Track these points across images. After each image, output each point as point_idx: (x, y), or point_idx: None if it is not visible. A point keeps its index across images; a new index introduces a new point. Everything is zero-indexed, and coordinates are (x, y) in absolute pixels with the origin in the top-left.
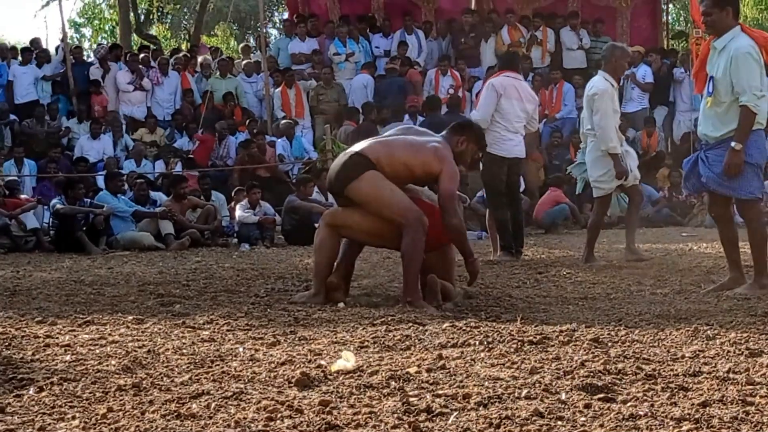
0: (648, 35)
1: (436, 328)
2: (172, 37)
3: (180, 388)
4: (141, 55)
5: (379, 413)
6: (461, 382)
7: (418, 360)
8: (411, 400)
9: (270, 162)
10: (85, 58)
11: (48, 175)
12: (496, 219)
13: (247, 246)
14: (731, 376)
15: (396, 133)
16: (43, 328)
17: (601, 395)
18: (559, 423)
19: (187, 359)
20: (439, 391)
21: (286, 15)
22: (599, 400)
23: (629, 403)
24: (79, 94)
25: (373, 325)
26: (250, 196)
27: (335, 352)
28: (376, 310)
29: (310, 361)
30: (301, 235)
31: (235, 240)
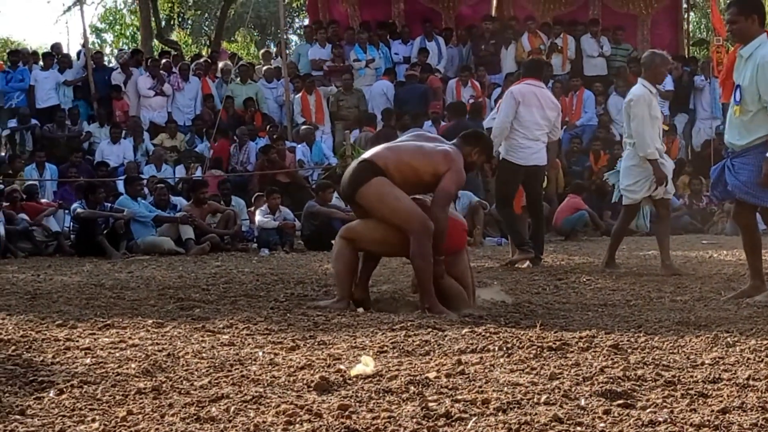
0: (669, 43)
1: (456, 333)
2: (192, 42)
3: (199, 392)
4: (162, 61)
5: (398, 418)
6: (480, 387)
7: (437, 365)
8: (430, 405)
9: (290, 167)
10: (106, 63)
11: (69, 179)
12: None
13: (266, 251)
14: (751, 383)
15: (407, 139)
16: (63, 331)
17: (620, 401)
18: (579, 429)
19: (207, 363)
20: (459, 397)
21: (306, 21)
22: (619, 406)
23: (649, 410)
24: (100, 99)
25: (393, 330)
26: (270, 201)
27: (354, 357)
28: (395, 315)
29: (329, 366)
30: (321, 240)
31: (254, 245)
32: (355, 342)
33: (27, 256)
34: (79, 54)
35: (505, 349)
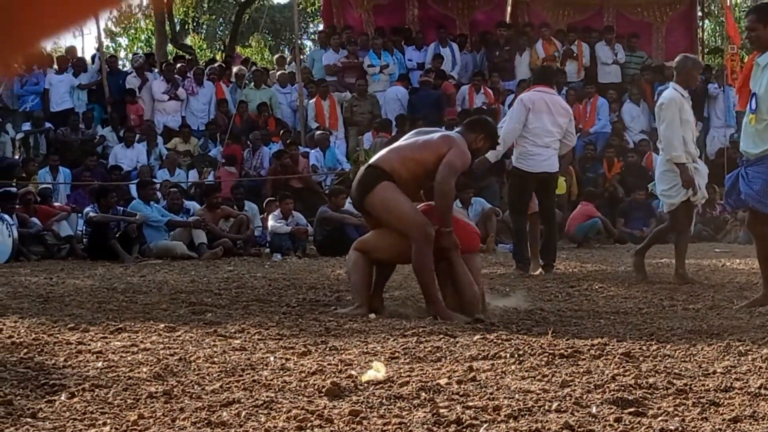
0: (683, 51)
1: (467, 340)
2: (207, 47)
3: (211, 396)
4: (177, 65)
5: (409, 424)
6: (492, 394)
7: (448, 371)
8: (441, 411)
9: (303, 173)
10: (121, 67)
11: (82, 182)
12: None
13: (279, 256)
14: (763, 392)
15: (407, 137)
16: (75, 334)
17: (631, 409)
18: None
19: (218, 367)
20: (470, 403)
21: (321, 27)
22: (630, 414)
23: (660, 418)
24: (114, 102)
25: (404, 336)
26: (282, 206)
27: (366, 363)
28: (407, 321)
29: (340, 371)
30: (333, 246)
31: (267, 250)
32: (366, 348)
33: (39, 259)
34: (93, 58)
35: (516, 356)
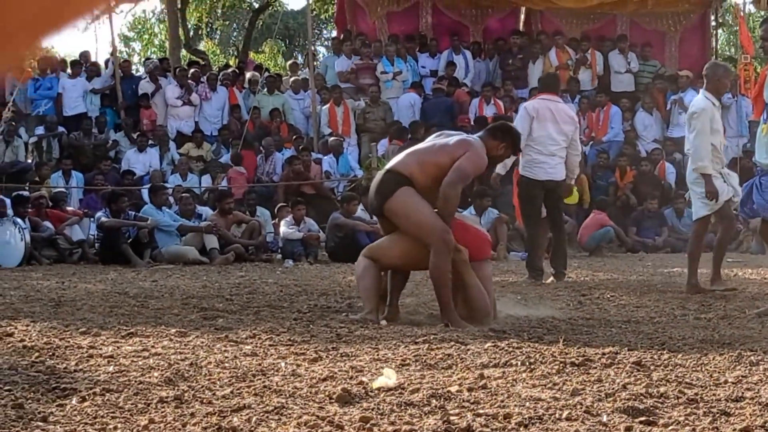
0: (696, 60)
1: (478, 347)
2: (220, 53)
3: (221, 402)
4: (191, 71)
5: (419, 431)
6: (502, 402)
7: (459, 379)
8: (452, 418)
9: (315, 179)
10: (134, 72)
11: (95, 187)
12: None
13: (290, 262)
14: None
15: (427, 141)
16: (86, 338)
17: (642, 418)
18: None
19: (229, 373)
20: (480, 411)
21: (334, 33)
22: (641, 423)
23: (671, 427)
24: (127, 107)
25: (415, 343)
26: (294, 212)
27: (377, 370)
28: (418, 328)
29: (351, 378)
30: (345, 252)
31: (279, 256)
32: (377, 354)
33: (52, 263)
34: (107, 62)
35: (527, 364)
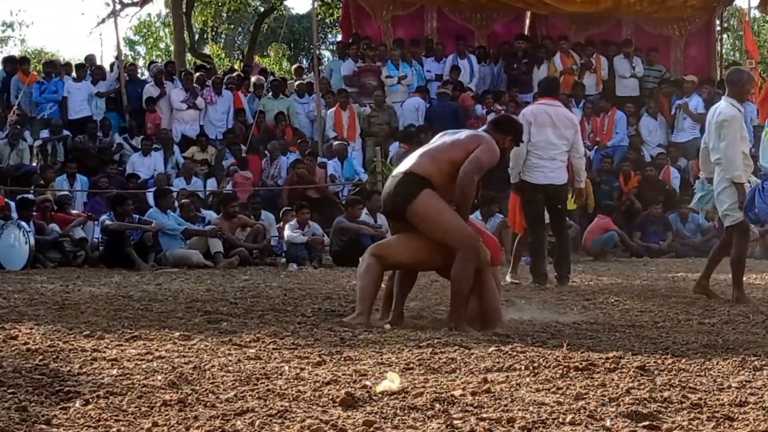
0: (701, 65)
1: (482, 351)
2: (225, 56)
3: (225, 405)
4: (196, 74)
5: None
6: (506, 406)
7: (463, 383)
8: (455, 422)
9: (320, 183)
10: (139, 75)
11: (99, 190)
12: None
13: (295, 266)
14: None
15: (435, 140)
16: (90, 342)
17: (645, 423)
18: None
19: (233, 376)
20: (484, 415)
21: (339, 37)
22: (644, 427)
23: None
24: (132, 111)
25: (419, 347)
26: (299, 216)
27: (380, 373)
28: (422, 332)
29: (355, 382)
30: (349, 256)
31: (283, 259)
32: (381, 358)
33: (56, 266)
34: (112, 66)
35: (531, 368)
